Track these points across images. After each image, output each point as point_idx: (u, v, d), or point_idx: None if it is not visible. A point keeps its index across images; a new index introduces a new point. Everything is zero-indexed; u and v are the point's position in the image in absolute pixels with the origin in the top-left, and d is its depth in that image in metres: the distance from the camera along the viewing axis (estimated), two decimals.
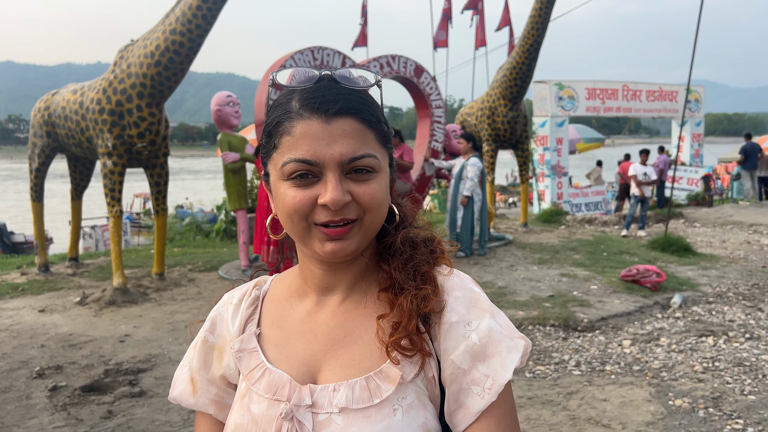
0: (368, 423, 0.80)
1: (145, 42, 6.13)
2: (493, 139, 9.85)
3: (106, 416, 3.81)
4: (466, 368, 0.83)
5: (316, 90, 0.85)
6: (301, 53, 7.42)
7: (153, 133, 6.34)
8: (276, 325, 0.93)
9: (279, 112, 0.87)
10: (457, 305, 0.85)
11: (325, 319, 0.90)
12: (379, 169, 0.86)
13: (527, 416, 3.80)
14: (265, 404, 0.85)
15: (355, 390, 0.82)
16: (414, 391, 0.83)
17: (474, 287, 0.89)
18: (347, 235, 0.84)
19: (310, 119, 0.83)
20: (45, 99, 7.15)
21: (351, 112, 0.84)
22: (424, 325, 0.85)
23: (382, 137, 0.88)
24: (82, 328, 5.36)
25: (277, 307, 0.95)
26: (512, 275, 7.17)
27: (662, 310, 6.13)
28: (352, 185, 0.83)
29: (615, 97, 16.51)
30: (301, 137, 0.83)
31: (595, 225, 12.63)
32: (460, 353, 0.83)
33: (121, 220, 6.57)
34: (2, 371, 4.43)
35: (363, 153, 0.83)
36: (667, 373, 4.58)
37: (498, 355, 0.82)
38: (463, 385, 0.83)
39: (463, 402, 0.83)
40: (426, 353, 0.83)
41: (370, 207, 0.84)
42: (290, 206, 0.83)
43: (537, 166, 15.60)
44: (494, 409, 0.81)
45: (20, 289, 6.67)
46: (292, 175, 0.83)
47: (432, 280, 0.87)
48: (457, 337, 0.83)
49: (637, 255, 8.28)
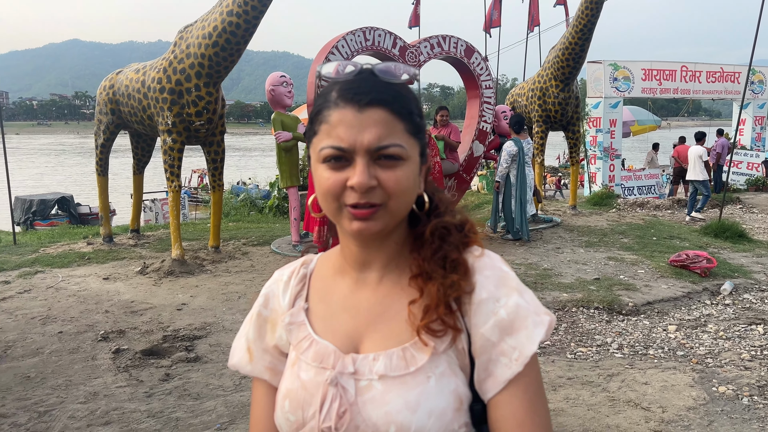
0: (405, 388, 0.89)
1: (203, 23, 6.33)
2: (543, 121, 9.74)
3: (164, 379, 4.08)
4: (495, 341, 0.91)
5: (353, 82, 0.94)
6: (353, 33, 7.50)
7: (210, 111, 6.58)
8: (322, 300, 1.03)
9: (321, 101, 0.96)
10: (487, 283, 0.94)
11: (366, 296, 0.99)
12: (406, 158, 0.93)
13: (566, 396, 3.87)
14: (312, 371, 0.96)
15: (392, 359, 0.92)
16: (446, 361, 0.92)
17: (503, 266, 0.97)
18: (372, 216, 0.92)
19: (345, 108, 0.92)
20: (110, 78, 7.48)
21: (382, 103, 0.92)
22: (456, 303, 0.94)
23: (413, 128, 0.95)
24: (143, 296, 5.68)
25: (323, 284, 1.05)
26: (558, 257, 7.15)
27: (711, 296, 6.03)
28: (379, 171, 0.91)
29: (673, 78, 15.96)
30: (337, 124, 0.92)
31: (647, 209, 12.35)
32: (489, 327, 0.91)
33: (179, 195, 6.87)
34: (70, 333, 4.77)
35: (390, 142, 0.91)
36: (712, 360, 4.55)
37: (524, 329, 0.91)
38: (492, 356, 0.91)
39: (492, 371, 0.91)
40: (457, 329, 0.92)
41: (395, 193, 0.92)
42: (324, 187, 0.93)
43: (589, 147, 15.30)
44: (520, 378, 0.90)
45: (86, 258, 7.08)
46: (327, 158, 0.92)
47: (462, 264, 0.95)
48: (487, 312, 0.92)
49: (688, 240, 8.11)
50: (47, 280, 6.11)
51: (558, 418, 3.54)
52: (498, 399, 0.91)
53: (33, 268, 6.54)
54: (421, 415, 0.88)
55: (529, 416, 0.90)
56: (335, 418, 0.90)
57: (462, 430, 0.91)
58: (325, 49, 7.48)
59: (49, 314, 5.14)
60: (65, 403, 3.71)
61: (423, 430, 0.87)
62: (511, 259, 7.04)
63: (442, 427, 0.88)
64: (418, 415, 0.88)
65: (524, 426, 0.89)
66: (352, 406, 0.91)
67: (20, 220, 18.25)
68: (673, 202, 13.06)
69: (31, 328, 4.87)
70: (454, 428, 0.90)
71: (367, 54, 7.71)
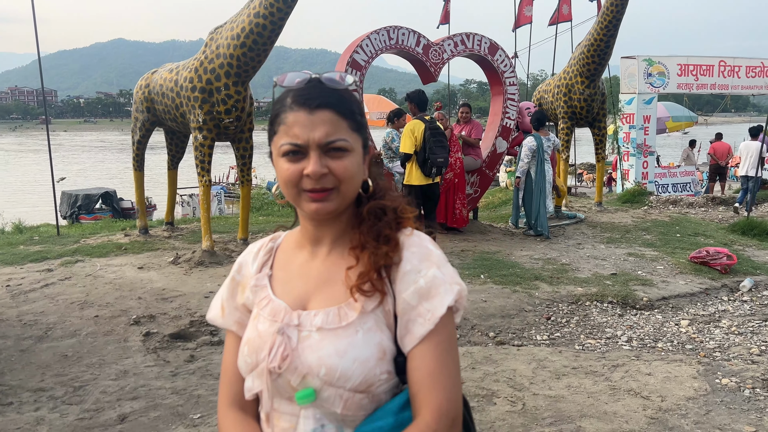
0: (336, 339, 1.10)
1: (232, 24, 6.61)
2: (569, 117, 9.77)
3: (189, 360, 4.37)
4: (414, 304, 1.11)
5: (305, 89, 1.15)
6: (377, 33, 7.70)
7: (239, 109, 6.87)
8: (282, 269, 1.25)
9: (278, 106, 1.18)
10: (412, 258, 1.14)
11: (317, 266, 1.21)
12: (351, 150, 1.15)
13: (568, 384, 4.00)
14: (267, 324, 1.18)
15: (329, 315, 1.13)
16: (374, 319, 1.12)
17: (429, 245, 1.17)
18: (326, 198, 1.14)
19: (298, 111, 1.13)
20: (145, 77, 7.85)
21: (329, 106, 1.13)
22: (386, 272, 1.14)
23: (355, 125, 1.17)
24: (174, 284, 6.00)
25: (285, 256, 1.27)
26: (578, 253, 7.23)
27: (730, 293, 6.05)
28: (329, 161, 1.13)
29: (710, 74, 15.65)
30: (292, 125, 1.13)
31: (679, 206, 12.23)
32: (410, 293, 1.11)
33: (209, 189, 7.19)
34: (105, 318, 5.10)
35: (337, 137, 1.13)
36: (720, 354, 4.62)
37: (438, 296, 1.10)
38: (411, 317, 1.11)
39: (410, 329, 1.11)
40: (383, 292, 1.12)
41: (344, 178, 1.14)
42: (285, 176, 1.14)
43: (622, 144, 15.15)
44: (433, 335, 1.09)
45: (123, 248, 7.46)
46: (286, 153, 1.14)
47: (393, 239, 1.15)
48: (409, 281, 1.12)
49: (713, 237, 8.07)
50: (86, 269, 6.49)
51: (557, 404, 3.68)
52: (414, 352, 1.10)
53: (74, 258, 6.94)
54: (347, 361, 1.08)
55: (438, 366, 1.09)
56: (279, 359, 1.12)
57: (384, 376, 1.11)
58: (350, 48, 7.69)
59: (87, 300, 5.49)
60: (98, 379, 4.02)
61: (348, 372, 1.08)
62: (530, 254, 7.15)
63: (365, 372, 1.09)
64: (344, 360, 1.08)
65: (433, 374, 1.08)
66: (293, 351, 1.12)
67: (66, 214, 19.08)
68: (707, 200, 12.89)
69: (70, 312, 5.22)
70: (376, 374, 1.10)
71: (391, 52, 7.90)
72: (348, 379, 1.08)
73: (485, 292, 5.72)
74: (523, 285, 5.92)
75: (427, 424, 1.07)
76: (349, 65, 7.57)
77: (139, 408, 3.63)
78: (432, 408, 1.07)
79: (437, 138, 6.72)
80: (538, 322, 5.18)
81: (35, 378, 4.03)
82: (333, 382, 1.08)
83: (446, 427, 1.07)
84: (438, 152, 6.72)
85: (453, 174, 7.80)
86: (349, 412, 1.10)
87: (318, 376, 1.09)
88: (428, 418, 1.07)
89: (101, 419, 3.50)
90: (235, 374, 1.23)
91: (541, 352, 4.52)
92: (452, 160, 7.82)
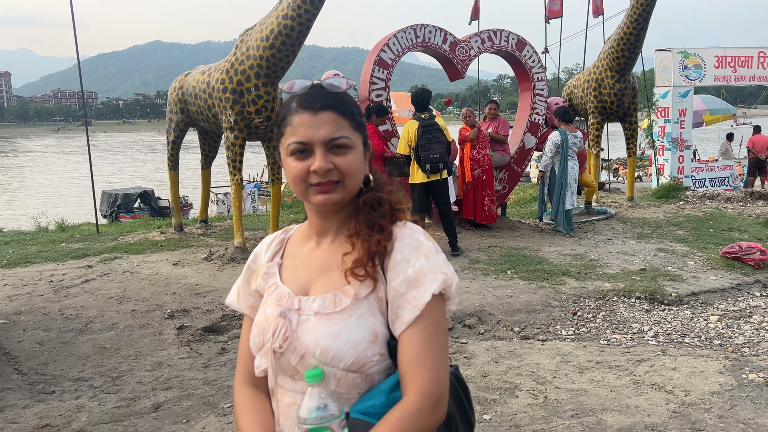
0: (331, 322, 1.20)
1: (261, 27, 6.77)
2: (599, 112, 9.68)
3: (220, 352, 4.53)
4: (403, 292, 1.20)
5: (308, 94, 1.27)
6: (404, 31, 7.77)
7: (269, 110, 7.02)
8: (291, 258, 1.37)
9: (284, 110, 1.29)
10: (403, 249, 1.23)
11: (320, 255, 1.31)
12: (353, 146, 1.25)
13: (591, 378, 4.02)
14: (273, 307, 1.29)
15: (326, 301, 1.23)
16: (367, 305, 1.22)
17: (420, 237, 1.26)
18: (332, 190, 1.24)
19: (303, 113, 1.24)
20: (179, 79, 8.09)
21: (330, 108, 1.24)
22: (380, 261, 1.23)
23: (355, 124, 1.27)
24: (207, 280, 6.19)
25: (295, 246, 1.39)
26: (607, 248, 7.19)
27: (763, 288, 5.95)
28: (333, 158, 1.23)
29: (749, 65, 15.26)
30: (298, 126, 1.24)
31: (716, 201, 11.97)
32: (399, 282, 1.20)
33: (241, 187, 7.38)
34: (142, 312, 5.31)
35: (339, 135, 1.24)
36: (749, 349, 4.57)
37: (424, 284, 1.19)
38: (400, 303, 1.20)
39: (400, 315, 1.20)
40: (375, 279, 1.22)
41: (348, 172, 1.24)
42: (293, 173, 1.25)
43: (657, 138, 14.89)
44: (420, 321, 1.18)
45: (159, 245, 7.71)
46: (293, 152, 1.25)
47: (387, 229, 1.25)
48: (399, 271, 1.21)
49: (748, 232, 7.92)
50: (124, 265, 6.74)
51: (579, 398, 3.71)
52: (402, 336, 1.20)
53: (112, 255, 7.21)
54: (340, 342, 1.19)
55: (424, 350, 1.18)
56: (281, 340, 1.23)
57: (375, 358, 1.21)
58: (377, 47, 7.78)
59: (124, 295, 5.71)
60: (134, 370, 4.21)
61: (340, 353, 1.19)
62: (558, 250, 7.14)
63: (357, 353, 1.19)
64: (337, 342, 1.19)
65: (419, 357, 1.17)
66: (293, 333, 1.23)
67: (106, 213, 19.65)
68: (746, 195, 12.58)
69: (109, 306, 5.44)
70: (368, 355, 1.20)
71: (418, 50, 7.97)
72: (341, 360, 1.18)
73: (512, 287, 5.75)
74: (550, 281, 5.93)
75: (411, 402, 1.15)
76: (376, 64, 7.66)
77: (173, 397, 3.79)
78: (416, 388, 1.15)
79: (432, 134, 6.62)
80: (564, 318, 5.19)
81: (76, 368, 4.24)
82: (327, 361, 1.18)
83: (429, 406, 1.15)
84: (432, 148, 6.60)
85: (481, 170, 7.83)
86: (343, 390, 1.20)
87: (314, 356, 1.19)
88: (413, 398, 1.15)
89: (137, 407, 3.67)
90: (248, 353, 1.35)
91: (565, 347, 4.55)
92: (480, 156, 7.84)
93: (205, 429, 3.41)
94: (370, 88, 7.68)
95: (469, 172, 7.80)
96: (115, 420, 3.52)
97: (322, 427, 1.13)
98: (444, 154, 6.64)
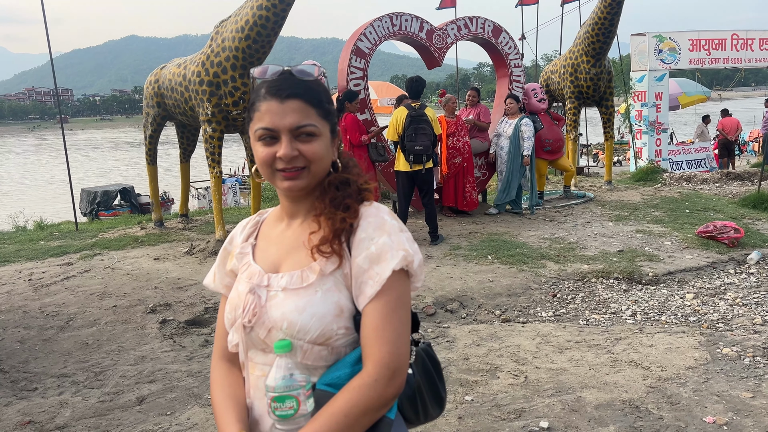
0: (297, 297, 1.24)
1: (237, 18, 6.73)
2: (576, 97, 9.76)
3: (203, 344, 4.54)
4: (366, 268, 1.24)
5: (277, 81, 1.29)
6: (380, 20, 7.77)
7: (246, 101, 6.99)
8: (264, 239, 1.41)
9: (254, 96, 1.31)
10: (367, 227, 1.27)
11: (290, 235, 1.35)
12: (319, 134, 1.28)
13: (571, 357, 4.10)
14: (244, 284, 1.33)
15: (293, 277, 1.27)
16: (333, 281, 1.25)
17: (385, 216, 1.29)
18: (298, 176, 1.28)
19: (270, 101, 1.26)
20: (155, 73, 8.01)
21: (298, 96, 1.27)
22: (345, 238, 1.27)
23: (323, 113, 1.30)
24: (189, 274, 6.17)
25: (268, 228, 1.43)
26: (585, 231, 7.28)
27: (737, 266, 6.07)
28: (299, 145, 1.26)
29: (723, 48, 15.46)
30: (265, 113, 1.27)
31: (693, 183, 12.16)
32: (362, 258, 1.24)
33: (221, 181, 7.35)
34: (124, 307, 5.29)
35: (306, 122, 1.26)
36: (723, 325, 4.68)
37: (386, 261, 1.23)
38: (363, 279, 1.24)
39: (363, 290, 1.24)
40: (341, 256, 1.25)
41: (313, 159, 1.28)
42: (261, 158, 1.28)
43: (634, 122, 15.06)
44: (381, 295, 1.22)
45: (140, 241, 7.66)
46: (261, 137, 1.28)
47: (353, 208, 1.29)
48: (362, 248, 1.25)
49: (723, 212, 8.07)
50: (104, 261, 6.70)
51: (558, 377, 3.78)
52: (365, 310, 1.23)
53: (92, 251, 7.16)
54: (306, 316, 1.23)
55: (383, 323, 1.21)
56: (250, 315, 1.27)
57: (341, 331, 1.25)
58: (354, 36, 7.77)
59: (106, 290, 5.69)
60: (117, 365, 4.20)
61: (306, 326, 1.22)
62: (537, 234, 7.22)
63: (322, 326, 1.23)
64: (303, 315, 1.23)
65: (378, 330, 1.21)
66: (262, 308, 1.27)
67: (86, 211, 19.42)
68: (722, 176, 12.79)
69: (90, 302, 5.42)
70: (333, 329, 1.24)
71: (395, 39, 7.97)
72: (306, 333, 1.22)
73: (492, 272, 5.82)
74: (529, 264, 6.00)
75: (368, 373, 1.19)
76: (353, 53, 7.65)
77: (157, 390, 3.80)
78: (374, 359, 1.19)
79: (420, 125, 6.62)
80: (544, 300, 5.27)
81: (58, 365, 4.22)
82: (293, 334, 1.22)
83: (386, 377, 1.18)
84: (418, 140, 6.60)
85: (462, 158, 7.87)
86: (309, 362, 1.24)
87: (281, 330, 1.23)
88: (370, 369, 1.19)
89: (121, 401, 3.68)
90: (224, 331, 1.39)
91: (545, 328, 4.62)
92: (460, 144, 7.88)
93: (189, 419, 3.43)
94: (348, 77, 7.68)
95: (445, 165, 7.77)
96: (98, 414, 3.53)
97: (289, 396, 1.17)
98: (428, 146, 6.66)
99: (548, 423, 3.21)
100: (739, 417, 3.23)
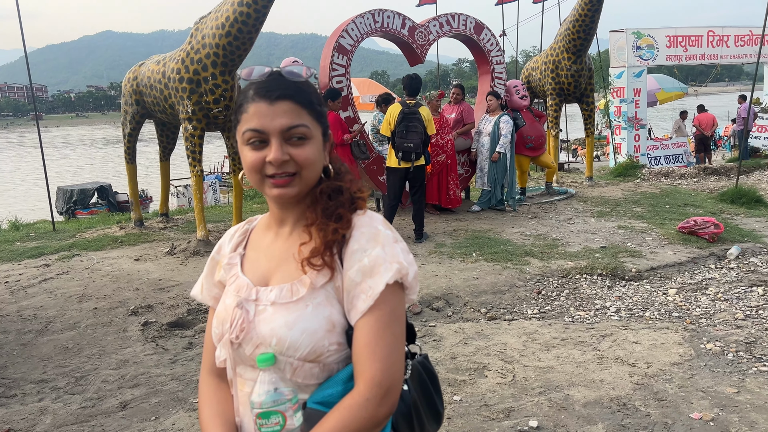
0: (287, 312, 1.18)
1: (217, 14, 6.62)
2: (557, 93, 9.81)
3: (187, 347, 4.47)
4: (358, 281, 1.18)
5: (266, 82, 1.23)
6: (362, 17, 7.71)
7: (227, 99, 6.90)
8: (253, 249, 1.34)
9: (242, 98, 1.25)
10: (360, 237, 1.21)
11: (279, 245, 1.29)
12: (311, 137, 1.22)
13: (557, 355, 4.11)
14: (232, 298, 1.27)
15: (282, 291, 1.21)
16: (324, 295, 1.20)
17: (378, 225, 1.24)
18: (288, 183, 1.21)
19: (259, 102, 1.20)
20: (133, 70, 7.87)
21: (288, 97, 1.20)
22: (337, 250, 1.21)
23: (314, 114, 1.24)
24: (170, 275, 6.08)
25: (257, 237, 1.36)
26: (568, 228, 7.32)
27: (717, 261, 6.15)
28: (290, 149, 1.20)
29: (699, 44, 15.66)
30: (253, 114, 1.20)
31: (672, 178, 12.32)
32: (354, 271, 1.18)
33: (202, 179, 7.25)
34: (104, 309, 5.19)
35: (297, 123, 1.20)
36: (706, 320, 4.73)
37: (379, 274, 1.17)
38: (356, 293, 1.18)
39: (355, 304, 1.18)
40: (332, 269, 1.20)
41: (305, 164, 1.21)
42: (249, 163, 1.22)
43: (613, 118, 15.20)
44: (374, 310, 1.16)
45: (119, 241, 7.53)
46: (249, 140, 1.21)
47: (345, 218, 1.23)
48: (355, 260, 1.19)
49: (702, 207, 8.17)
50: (83, 262, 6.57)
51: (546, 375, 3.79)
52: (357, 324, 1.18)
53: (70, 252, 7.02)
54: (296, 332, 1.17)
55: (375, 339, 1.16)
56: (238, 330, 1.22)
57: (333, 347, 1.19)
58: (336, 33, 7.71)
59: (85, 293, 5.58)
60: (99, 369, 4.12)
61: (296, 343, 1.17)
62: (521, 231, 7.24)
63: (313, 343, 1.17)
64: (293, 331, 1.17)
65: (369, 346, 1.15)
66: (250, 323, 1.21)
67: (62, 209, 19.09)
68: (699, 171, 12.97)
69: (69, 305, 5.31)
70: (324, 345, 1.18)
71: (377, 35, 7.93)
72: (297, 349, 1.16)
73: (477, 269, 5.82)
74: (514, 261, 6.02)
75: (360, 393, 1.13)
76: (335, 50, 7.59)
77: (140, 395, 3.73)
78: (366, 378, 1.14)
79: (412, 123, 6.59)
80: (529, 297, 5.28)
81: (37, 370, 4.13)
82: (283, 351, 1.16)
83: (378, 396, 1.13)
84: (408, 137, 6.57)
85: (445, 155, 7.86)
86: (299, 379, 1.19)
87: (270, 346, 1.17)
88: (362, 388, 1.13)
89: (103, 407, 3.60)
90: (212, 345, 1.33)
91: (531, 326, 4.63)
92: (443, 141, 7.87)
93: (174, 425, 3.36)
94: (330, 74, 7.62)
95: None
96: (80, 421, 3.45)
97: (274, 411, 1.12)
98: (418, 144, 6.62)
99: (537, 422, 3.21)
100: (724, 413, 3.26)
